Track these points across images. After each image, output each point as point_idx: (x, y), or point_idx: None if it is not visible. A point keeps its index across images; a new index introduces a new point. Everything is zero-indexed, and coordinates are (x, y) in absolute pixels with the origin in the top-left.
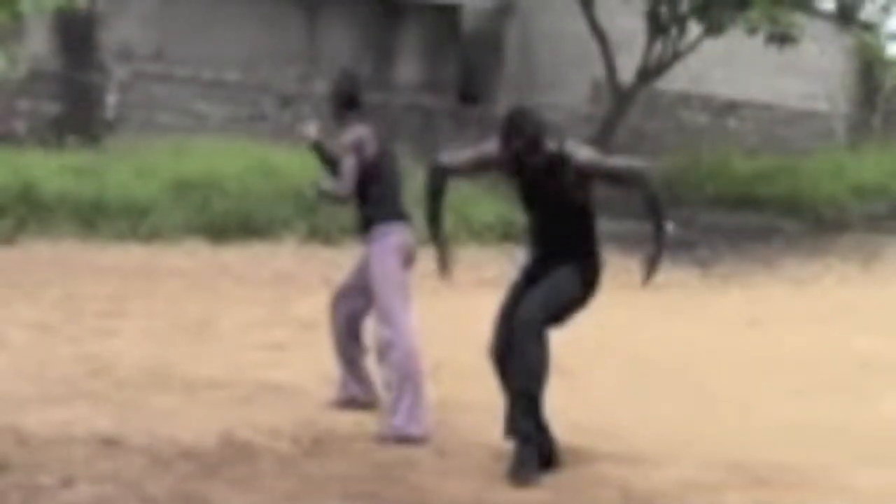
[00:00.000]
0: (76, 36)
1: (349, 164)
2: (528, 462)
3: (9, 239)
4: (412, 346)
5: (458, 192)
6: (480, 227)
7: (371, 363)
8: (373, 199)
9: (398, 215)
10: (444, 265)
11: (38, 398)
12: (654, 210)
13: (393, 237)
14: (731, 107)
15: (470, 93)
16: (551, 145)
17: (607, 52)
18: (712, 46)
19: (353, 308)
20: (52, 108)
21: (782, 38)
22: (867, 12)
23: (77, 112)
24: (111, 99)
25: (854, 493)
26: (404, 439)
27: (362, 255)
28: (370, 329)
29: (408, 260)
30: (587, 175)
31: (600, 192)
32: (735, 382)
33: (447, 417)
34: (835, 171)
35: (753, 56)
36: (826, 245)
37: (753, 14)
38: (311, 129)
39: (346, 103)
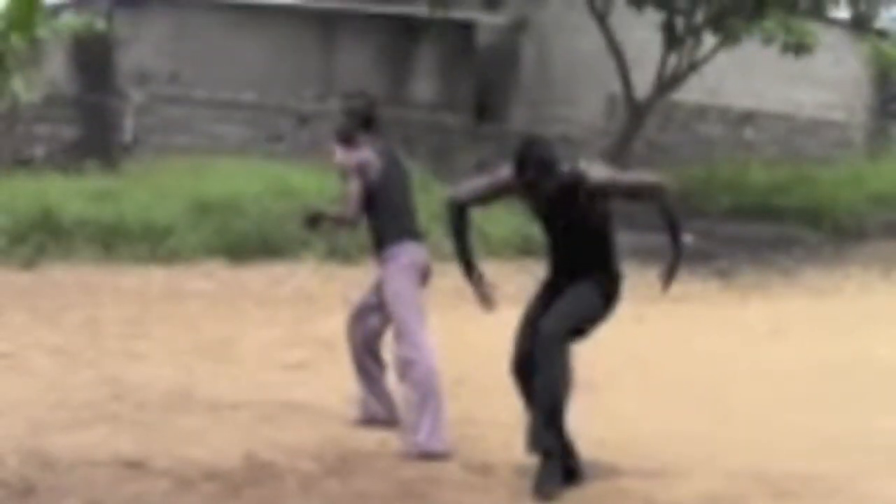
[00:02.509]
0: (93, 60)
1: (354, 187)
2: (551, 477)
3: (29, 264)
4: (432, 363)
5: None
6: (498, 243)
7: (392, 381)
8: (383, 220)
9: (410, 234)
10: (484, 299)
11: (62, 422)
12: (670, 222)
13: (404, 257)
14: (748, 117)
15: (486, 109)
16: (564, 168)
17: (623, 66)
18: (727, 57)
19: (370, 327)
20: (69, 133)
21: (797, 48)
22: (882, 20)
23: (95, 136)
24: (128, 122)
25: None
26: (427, 456)
27: (377, 274)
28: (390, 347)
29: (423, 277)
30: (604, 193)
31: (619, 205)
32: (757, 393)
33: (470, 433)
34: (853, 180)
35: (769, 66)
36: (846, 254)
37: (768, 24)
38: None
39: (361, 124)
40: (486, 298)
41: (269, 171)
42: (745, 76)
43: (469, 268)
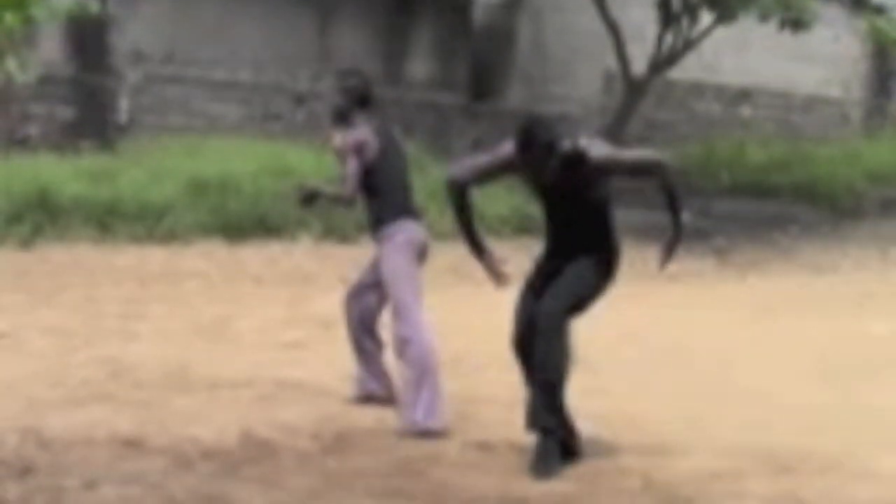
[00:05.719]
0: (88, 40)
1: (352, 166)
2: (550, 454)
3: (26, 244)
4: (428, 341)
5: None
6: (496, 221)
7: (389, 359)
8: (380, 198)
9: (407, 212)
10: (495, 274)
11: (60, 401)
12: (672, 199)
13: (402, 235)
14: (745, 95)
15: (482, 88)
16: (566, 146)
17: (619, 44)
18: (724, 34)
19: (367, 305)
20: (65, 113)
21: (795, 24)
22: None
23: (90, 116)
24: (124, 102)
25: (878, 479)
26: (425, 433)
27: (375, 252)
28: (387, 325)
29: (420, 255)
30: (605, 171)
31: (616, 182)
32: (754, 370)
33: (468, 411)
34: (850, 158)
35: (766, 43)
36: (843, 232)
37: (765, 0)
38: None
39: (357, 102)
40: (497, 275)
41: (266, 150)
42: (741, 53)
43: (476, 246)
